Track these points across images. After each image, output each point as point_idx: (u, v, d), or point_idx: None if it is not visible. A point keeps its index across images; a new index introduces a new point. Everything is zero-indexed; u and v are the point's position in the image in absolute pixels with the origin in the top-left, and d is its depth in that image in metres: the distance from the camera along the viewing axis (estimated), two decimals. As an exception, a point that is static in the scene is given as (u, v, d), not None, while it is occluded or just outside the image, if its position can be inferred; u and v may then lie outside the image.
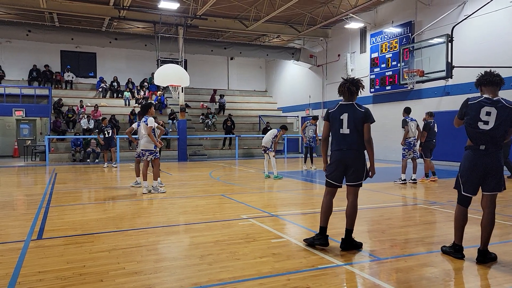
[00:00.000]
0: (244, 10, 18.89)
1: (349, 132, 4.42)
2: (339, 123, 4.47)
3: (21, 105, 19.54)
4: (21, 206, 7.69)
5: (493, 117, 3.89)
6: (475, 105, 3.98)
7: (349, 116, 4.43)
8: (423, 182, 10.38)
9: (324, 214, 4.57)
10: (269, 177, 11.47)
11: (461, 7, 14.75)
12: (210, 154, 21.32)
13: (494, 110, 3.89)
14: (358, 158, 4.45)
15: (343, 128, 4.45)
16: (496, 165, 3.96)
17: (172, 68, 16.78)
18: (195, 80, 24.73)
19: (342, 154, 4.46)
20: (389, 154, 17.73)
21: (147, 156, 8.77)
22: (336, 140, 4.52)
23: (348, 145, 4.43)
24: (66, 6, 17.26)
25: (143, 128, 8.69)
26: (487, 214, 4.06)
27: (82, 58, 24.66)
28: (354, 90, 4.50)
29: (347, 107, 4.50)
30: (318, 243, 4.54)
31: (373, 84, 18.72)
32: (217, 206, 7.32)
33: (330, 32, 22.11)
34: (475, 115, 3.96)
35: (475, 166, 3.99)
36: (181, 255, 4.39)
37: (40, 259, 4.23)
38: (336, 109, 4.54)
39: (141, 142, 8.87)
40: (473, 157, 4.01)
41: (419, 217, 6.40)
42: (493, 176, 3.97)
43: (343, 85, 4.54)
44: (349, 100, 4.54)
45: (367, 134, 4.43)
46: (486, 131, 3.90)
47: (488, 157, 3.95)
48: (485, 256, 4.05)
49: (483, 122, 3.91)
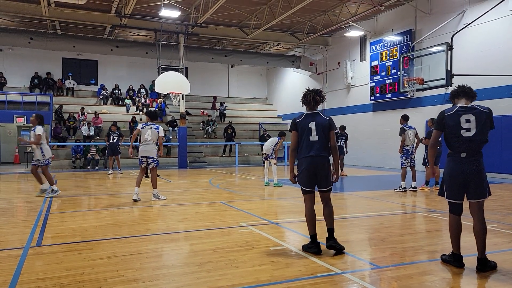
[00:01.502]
0: (244, 18, 19.01)
1: (318, 139, 4.64)
2: (307, 131, 4.67)
3: (23, 112, 19.59)
4: (20, 213, 7.69)
5: (473, 123, 3.99)
6: (453, 115, 4.08)
7: (317, 124, 4.67)
8: (423, 190, 10.36)
9: (310, 223, 4.73)
10: (269, 184, 11.47)
11: (460, 15, 14.84)
12: (210, 162, 21.33)
13: (472, 117, 4.01)
14: (327, 163, 4.68)
15: (312, 135, 4.65)
16: (478, 172, 4.01)
17: (172, 76, 16.87)
18: (196, 87, 24.79)
19: (312, 160, 4.63)
20: (388, 162, 17.72)
21: (149, 164, 8.67)
22: (306, 147, 4.66)
23: (317, 151, 4.62)
24: (68, 14, 17.39)
25: (153, 135, 8.58)
26: (477, 222, 4.08)
27: (83, 65, 24.77)
28: (318, 99, 4.76)
29: (313, 115, 4.75)
30: (311, 251, 4.63)
31: (373, 92, 18.75)
32: (217, 213, 7.32)
33: (330, 40, 22.22)
34: (455, 124, 4.05)
35: (456, 173, 4.07)
36: (180, 263, 4.38)
37: (39, 266, 4.22)
38: (303, 119, 4.75)
39: (146, 148, 8.59)
40: (453, 164, 4.10)
41: (419, 225, 6.38)
42: (475, 183, 4.01)
43: (308, 95, 4.79)
44: (313, 109, 4.79)
45: (333, 140, 4.70)
46: (470, 137, 3.99)
47: (469, 165, 4.01)
48: (485, 265, 4.02)
49: (465, 130, 4.01)
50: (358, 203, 8.57)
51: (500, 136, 13.43)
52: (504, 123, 13.31)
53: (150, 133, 8.59)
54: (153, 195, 8.79)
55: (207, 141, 22.86)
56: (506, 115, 13.33)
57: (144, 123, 8.86)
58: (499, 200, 8.69)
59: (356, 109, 19.91)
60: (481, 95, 14.23)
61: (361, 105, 19.52)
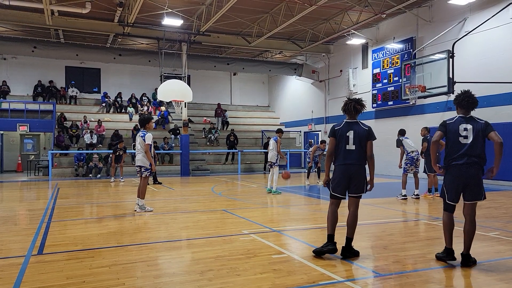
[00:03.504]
0: (247, 27, 19.12)
1: (355, 148, 4.76)
2: (345, 139, 4.79)
3: (26, 120, 19.70)
4: (22, 221, 7.69)
5: (470, 132, 4.44)
6: (453, 124, 4.54)
7: (354, 133, 4.79)
8: (426, 197, 10.32)
9: (330, 222, 4.85)
10: (270, 191, 11.43)
11: (462, 23, 14.88)
12: (212, 169, 21.32)
13: (469, 126, 4.46)
14: (361, 172, 4.79)
15: (349, 144, 4.77)
16: (476, 176, 4.40)
17: (175, 84, 16.94)
18: (198, 95, 24.89)
19: (347, 168, 4.76)
20: (391, 169, 17.66)
21: (142, 173, 8.15)
22: (342, 155, 4.80)
23: (353, 160, 4.75)
24: (71, 23, 17.55)
25: (140, 143, 8.08)
26: (469, 222, 4.47)
27: (86, 73, 24.91)
28: (359, 108, 4.89)
29: (353, 124, 4.87)
30: (327, 249, 4.73)
31: (375, 99, 18.77)
32: (219, 221, 7.30)
33: (332, 48, 22.30)
34: (455, 132, 4.48)
35: (457, 177, 4.44)
36: (181, 271, 4.37)
37: (40, 275, 4.21)
38: (342, 127, 4.86)
39: (138, 157, 8.16)
40: (454, 169, 4.45)
41: (421, 233, 6.35)
42: (473, 186, 4.40)
43: (349, 103, 4.91)
44: (353, 118, 4.92)
45: (370, 150, 4.78)
46: (467, 144, 4.41)
47: (469, 169, 4.39)
48: (468, 260, 4.41)
49: (463, 137, 4.44)
50: (360, 210, 8.44)
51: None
52: (507, 130, 13.27)
53: (139, 141, 8.13)
54: (138, 206, 8.17)
55: (210, 149, 22.87)
56: (508, 122, 13.30)
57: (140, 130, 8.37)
58: (502, 207, 8.64)
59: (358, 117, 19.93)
60: (483, 103, 14.22)
61: (363, 113, 19.32)
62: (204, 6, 16.44)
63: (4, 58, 22.77)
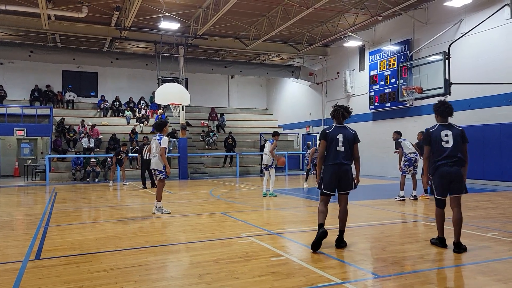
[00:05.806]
0: (244, 30, 19.15)
1: (344, 149, 5.30)
2: (336, 141, 5.30)
3: (22, 124, 19.64)
4: (20, 226, 7.66)
5: (450, 137, 5.16)
6: (435, 131, 5.25)
7: (344, 136, 5.32)
8: (423, 198, 10.33)
9: (320, 215, 5.27)
10: (266, 195, 11.34)
11: (457, 25, 14.95)
12: (210, 172, 21.30)
13: (449, 132, 5.18)
14: (349, 170, 5.34)
15: (339, 146, 5.30)
16: (458, 174, 5.11)
17: (173, 87, 16.91)
18: (196, 98, 24.87)
19: (337, 167, 5.27)
20: (389, 171, 17.69)
21: (156, 175, 8.50)
22: (333, 155, 5.30)
23: (343, 159, 5.28)
24: (68, 27, 17.52)
25: (156, 146, 8.44)
26: (456, 213, 5.16)
27: (83, 77, 24.88)
28: (346, 115, 5.39)
29: (341, 128, 5.40)
30: (320, 235, 5.10)
31: (373, 101, 18.81)
32: (217, 224, 7.29)
33: (329, 50, 22.36)
34: (438, 138, 5.18)
35: (443, 176, 5.12)
36: (179, 274, 4.36)
37: (38, 280, 4.20)
38: (333, 130, 5.39)
39: (153, 160, 8.49)
40: (441, 169, 5.13)
41: (420, 234, 6.36)
42: (456, 182, 5.11)
43: (338, 110, 5.40)
44: (341, 123, 5.43)
45: (357, 152, 5.41)
46: (449, 148, 5.12)
47: (451, 167, 5.09)
48: (459, 247, 5.03)
49: (445, 142, 5.16)
50: (358, 212, 8.54)
51: (499, 144, 13.44)
52: (503, 131, 13.33)
53: (155, 144, 8.48)
54: (156, 208, 8.52)
55: (208, 152, 22.85)
56: (504, 123, 13.35)
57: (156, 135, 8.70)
58: (499, 208, 8.66)
59: (356, 119, 19.92)
60: (480, 104, 14.29)
61: (361, 115, 19.55)
62: (201, 10, 16.47)
63: (0, 63, 22.72)
